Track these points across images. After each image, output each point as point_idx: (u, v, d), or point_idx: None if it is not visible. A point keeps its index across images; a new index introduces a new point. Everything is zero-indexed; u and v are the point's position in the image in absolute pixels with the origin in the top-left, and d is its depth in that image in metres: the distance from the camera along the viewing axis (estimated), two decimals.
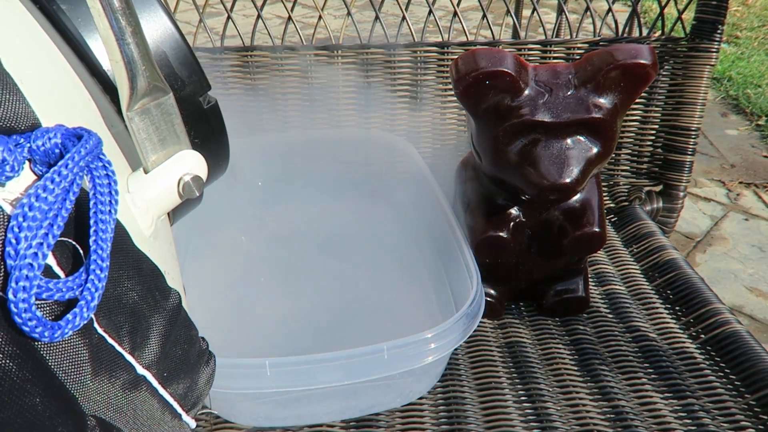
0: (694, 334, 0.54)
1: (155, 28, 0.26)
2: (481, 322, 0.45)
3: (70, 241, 0.19)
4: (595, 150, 0.47)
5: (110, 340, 0.20)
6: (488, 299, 0.54)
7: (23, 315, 0.17)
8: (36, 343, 0.18)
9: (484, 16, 0.71)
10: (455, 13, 0.70)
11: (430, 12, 0.70)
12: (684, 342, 0.53)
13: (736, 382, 0.49)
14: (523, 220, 0.52)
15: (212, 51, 0.70)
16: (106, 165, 0.21)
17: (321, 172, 0.67)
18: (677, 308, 0.57)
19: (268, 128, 0.73)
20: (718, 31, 0.69)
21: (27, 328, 0.17)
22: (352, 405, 0.47)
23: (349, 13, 0.70)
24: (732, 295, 1.14)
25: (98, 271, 0.19)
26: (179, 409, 0.24)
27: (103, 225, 0.20)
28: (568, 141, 0.47)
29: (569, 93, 0.46)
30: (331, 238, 0.61)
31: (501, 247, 0.52)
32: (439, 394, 0.48)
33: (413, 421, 0.46)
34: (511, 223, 0.52)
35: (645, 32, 0.73)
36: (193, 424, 0.26)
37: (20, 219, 0.17)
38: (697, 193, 1.47)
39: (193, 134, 0.26)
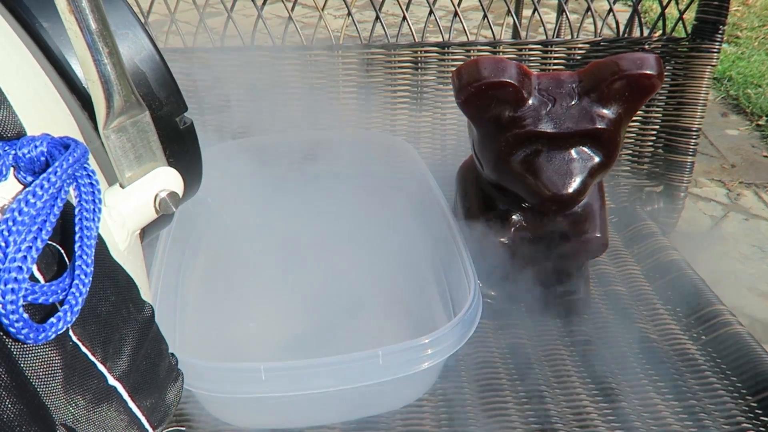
0: (695, 335, 0.54)
1: (135, 48, 0.26)
2: (481, 323, 0.45)
3: (54, 244, 0.19)
4: (598, 160, 0.46)
5: (84, 349, 0.20)
6: (489, 301, 0.54)
7: (11, 317, 0.17)
8: (11, 347, 0.18)
9: (485, 16, 0.71)
10: (456, 13, 0.70)
11: (431, 12, 0.70)
12: (685, 343, 0.53)
13: (737, 384, 0.49)
14: (525, 225, 0.52)
15: (212, 51, 0.70)
16: (90, 174, 0.21)
17: (321, 173, 0.67)
18: (678, 309, 0.57)
19: (268, 128, 0.73)
20: (720, 32, 0.69)
21: (13, 330, 0.17)
22: (351, 407, 0.47)
23: (349, 13, 0.70)
24: (732, 295, 1.13)
25: (83, 276, 0.19)
26: (147, 425, 0.24)
27: (88, 231, 0.20)
28: (571, 151, 0.46)
29: (573, 103, 0.46)
30: (329, 239, 0.60)
31: (502, 253, 0.52)
32: (439, 395, 0.48)
33: (413, 422, 0.46)
34: (512, 229, 0.52)
35: (646, 32, 0.73)
36: None
37: (10, 223, 0.17)
38: (697, 193, 1.47)
39: (168, 154, 0.27)
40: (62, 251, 0.20)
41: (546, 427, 0.45)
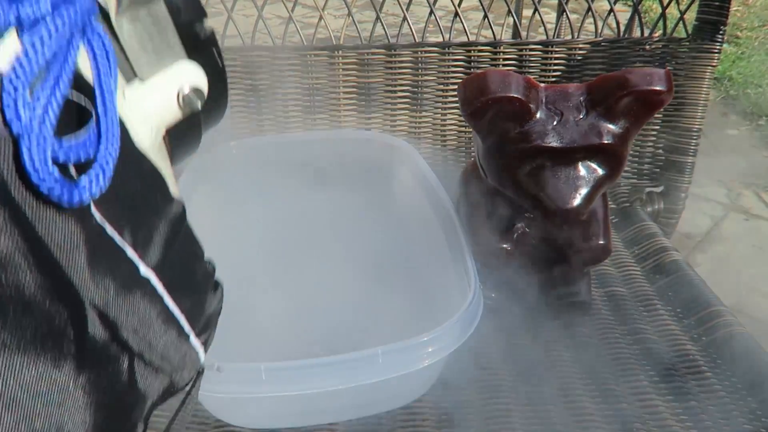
0: (695, 336, 0.54)
1: None
2: (481, 323, 0.45)
3: (73, 99, 0.17)
4: (603, 173, 0.46)
5: (110, 231, 0.18)
6: (489, 302, 0.54)
7: (40, 172, 0.15)
8: (26, 212, 0.16)
9: (485, 16, 0.71)
10: (456, 13, 0.70)
11: (431, 12, 0.70)
12: (685, 344, 0.53)
13: (738, 385, 0.49)
14: (528, 230, 0.52)
15: None
16: (101, 35, 0.19)
17: (321, 173, 0.67)
18: (679, 310, 0.57)
19: (268, 128, 0.73)
20: (720, 32, 0.69)
21: (45, 189, 0.16)
22: (351, 406, 0.47)
23: (349, 13, 0.70)
24: (733, 295, 1.13)
25: (111, 134, 0.18)
26: (187, 327, 0.21)
27: (107, 87, 0.18)
28: (577, 165, 0.46)
29: (580, 117, 0.45)
30: (329, 239, 0.60)
31: (504, 259, 0.52)
32: (440, 396, 0.48)
33: (414, 422, 0.46)
34: (515, 234, 0.52)
35: (646, 32, 0.72)
36: (201, 352, 0.23)
37: (18, 70, 0.16)
38: (697, 193, 1.47)
39: None
40: (83, 105, 0.17)
41: (546, 428, 0.45)
